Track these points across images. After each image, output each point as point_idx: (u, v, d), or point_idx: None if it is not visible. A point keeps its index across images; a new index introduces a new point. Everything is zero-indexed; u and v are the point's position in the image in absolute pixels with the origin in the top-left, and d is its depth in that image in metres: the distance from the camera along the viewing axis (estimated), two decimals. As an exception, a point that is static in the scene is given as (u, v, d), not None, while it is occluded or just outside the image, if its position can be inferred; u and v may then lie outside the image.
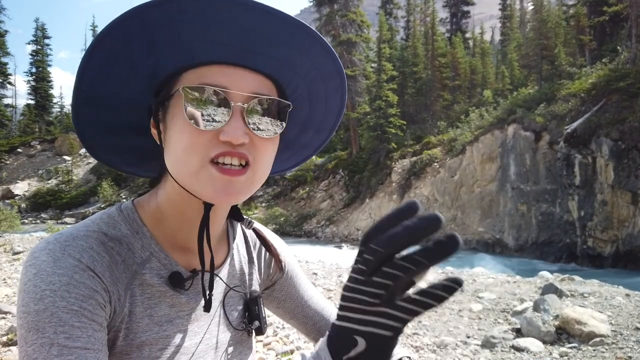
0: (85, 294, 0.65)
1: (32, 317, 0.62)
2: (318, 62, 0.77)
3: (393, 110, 24.98)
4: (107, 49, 0.69)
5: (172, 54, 0.71)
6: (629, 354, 4.33)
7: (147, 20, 0.67)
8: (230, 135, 0.67)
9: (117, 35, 0.68)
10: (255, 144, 0.71)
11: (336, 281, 8.37)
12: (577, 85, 17.49)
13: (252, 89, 0.71)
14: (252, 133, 0.70)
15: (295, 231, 24.46)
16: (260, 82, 0.73)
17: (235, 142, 0.68)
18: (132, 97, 0.77)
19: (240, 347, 0.90)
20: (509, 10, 43.55)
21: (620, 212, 14.14)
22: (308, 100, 0.83)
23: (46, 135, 45.44)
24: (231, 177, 0.69)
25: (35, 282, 0.63)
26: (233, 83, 0.70)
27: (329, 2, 29.53)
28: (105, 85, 0.74)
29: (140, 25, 0.67)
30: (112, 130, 0.82)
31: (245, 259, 0.96)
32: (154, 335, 0.74)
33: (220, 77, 0.70)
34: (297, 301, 1.06)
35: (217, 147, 0.68)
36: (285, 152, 0.91)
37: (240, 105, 0.69)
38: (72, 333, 0.61)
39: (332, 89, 0.82)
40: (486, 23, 53.49)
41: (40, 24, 51.43)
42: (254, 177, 0.73)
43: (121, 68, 0.72)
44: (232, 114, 0.68)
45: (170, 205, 0.78)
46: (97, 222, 0.75)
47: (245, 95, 0.70)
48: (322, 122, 0.87)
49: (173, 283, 0.77)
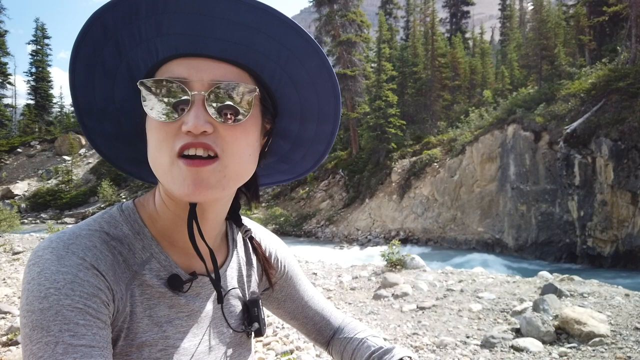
0: (90, 292, 0.65)
1: (37, 315, 0.62)
2: (285, 40, 0.72)
3: (393, 111, 24.98)
4: (85, 58, 0.71)
5: (138, 53, 0.72)
6: (629, 354, 4.33)
7: (107, 25, 0.68)
8: (190, 124, 0.66)
9: (87, 43, 0.69)
10: (221, 133, 0.69)
11: (336, 281, 8.37)
12: (577, 86, 17.49)
13: (214, 76, 0.69)
14: (215, 122, 0.68)
15: (295, 231, 24.45)
16: (227, 70, 0.70)
17: (195, 131, 0.66)
18: (124, 105, 0.78)
19: (239, 348, 0.90)
20: (508, 10, 43.57)
21: (620, 212, 14.14)
22: (293, 86, 0.79)
23: (46, 135, 45.41)
24: (198, 167, 0.67)
25: (40, 280, 0.64)
26: (193, 73, 0.68)
27: (328, 2, 29.50)
28: (95, 96, 0.76)
29: (103, 30, 0.69)
30: (119, 139, 0.83)
31: (244, 261, 0.96)
32: (154, 335, 0.74)
33: (182, 69, 0.69)
34: (297, 302, 1.06)
35: (181, 139, 0.67)
36: (299, 151, 0.90)
37: (201, 93, 0.67)
38: (77, 331, 0.61)
39: (314, 70, 0.76)
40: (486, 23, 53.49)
41: (40, 24, 51.39)
42: (226, 169, 0.70)
43: (102, 76, 0.74)
44: (193, 103, 0.67)
45: (163, 204, 0.79)
46: (99, 222, 0.75)
47: (205, 83, 0.68)
48: (319, 109, 0.83)
49: (172, 286, 0.77)
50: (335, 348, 1.06)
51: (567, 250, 15.51)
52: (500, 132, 18.42)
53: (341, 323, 1.09)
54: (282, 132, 0.86)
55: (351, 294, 7.41)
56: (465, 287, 7.28)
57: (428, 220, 20.42)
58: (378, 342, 1.00)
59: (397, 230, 21.07)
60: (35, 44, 50.52)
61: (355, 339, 1.03)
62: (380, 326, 5.77)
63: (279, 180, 0.97)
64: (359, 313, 6.36)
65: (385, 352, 0.95)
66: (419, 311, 6.32)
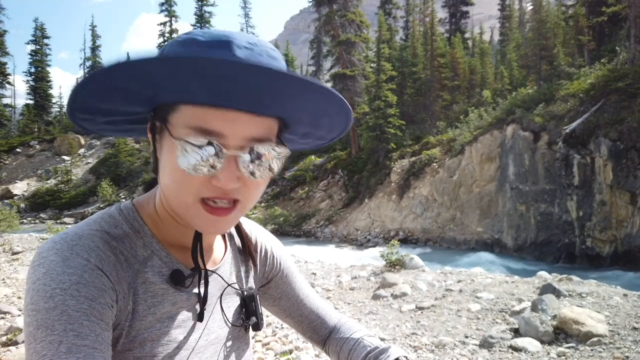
0: (95, 293, 0.67)
1: (42, 314, 0.63)
2: (326, 106, 0.73)
3: (392, 111, 24.98)
4: (105, 86, 0.65)
5: (173, 91, 0.67)
6: (627, 354, 4.34)
7: (148, 71, 0.62)
8: (223, 182, 0.68)
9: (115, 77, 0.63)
10: (247, 185, 0.71)
11: (335, 281, 8.38)
12: (576, 86, 17.49)
13: (249, 134, 0.68)
14: (245, 179, 0.70)
15: (294, 231, 24.45)
16: (261, 124, 0.70)
17: (227, 188, 0.68)
18: (131, 110, 0.75)
19: (238, 342, 0.93)
20: (508, 10, 43.54)
21: (619, 212, 14.15)
22: (312, 126, 0.81)
23: (45, 135, 45.33)
24: (219, 217, 0.71)
25: (45, 280, 0.65)
26: (229, 128, 0.67)
27: (328, 2, 29.48)
28: (100, 104, 0.71)
29: (141, 74, 0.63)
30: (108, 122, 0.78)
31: (241, 257, 0.98)
32: (156, 331, 0.76)
33: (216, 122, 0.66)
34: (292, 299, 1.08)
35: (209, 190, 0.69)
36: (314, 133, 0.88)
37: (236, 153, 0.68)
38: (80, 331, 0.63)
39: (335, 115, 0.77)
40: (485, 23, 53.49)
41: (40, 24, 51.35)
42: (243, 209, 0.74)
43: (119, 96, 0.69)
44: (227, 161, 0.67)
45: (165, 212, 0.80)
46: (99, 222, 0.76)
47: (239, 139, 0.68)
48: (326, 134, 0.85)
49: (174, 281, 0.79)
50: (331, 348, 1.08)
51: (566, 250, 15.51)
52: (500, 132, 18.43)
53: (337, 322, 1.11)
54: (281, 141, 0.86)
55: (350, 294, 7.42)
56: (464, 287, 7.29)
57: (427, 220, 20.42)
58: (374, 342, 1.01)
59: (397, 230, 21.07)
60: (34, 44, 50.51)
61: (352, 339, 1.04)
62: (379, 326, 5.78)
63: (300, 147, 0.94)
64: (358, 313, 6.37)
65: (381, 351, 0.96)
66: (418, 311, 6.33)
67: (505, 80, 28.00)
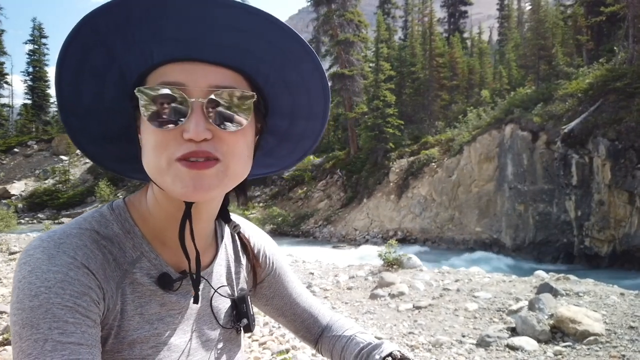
0: (80, 290, 0.66)
1: (27, 313, 0.62)
2: (280, 44, 0.72)
3: (391, 110, 24.99)
4: (73, 61, 0.70)
5: (132, 57, 0.70)
6: (623, 353, 4.34)
7: (99, 29, 0.67)
8: (191, 132, 0.66)
9: (76, 46, 0.68)
10: (221, 138, 0.69)
11: (332, 281, 8.38)
12: (575, 86, 17.51)
13: (212, 82, 0.69)
14: (215, 128, 0.68)
15: (292, 231, 24.44)
16: (223, 75, 0.70)
17: (196, 138, 0.66)
18: (112, 105, 0.77)
19: (229, 344, 0.91)
20: (506, 10, 43.66)
21: (617, 212, 14.17)
22: (286, 88, 0.80)
23: (43, 135, 45.30)
24: (199, 170, 0.67)
25: (30, 279, 0.64)
26: (190, 78, 0.68)
27: (326, 2, 29.47)
28: (82, 97, 0.75)
29: (93, 34, 0.67)
30: (104, 138, 0.82)
31: (232, 258, 0.97)
32: (145, 333, 0.75)
33: (178, 74, 0.68)
34: (285, 299, 1.07)
35: (182, 146, 0.67)
36: (285, 146, 0.91)
37: (199, 100, 0.67)
38: (66, 329, 0.62)
39: (307, 72, 0.77)
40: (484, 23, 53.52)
41: (38, 24, 51.27)
42: (227, 170, 0.70)
43: (90, 77, 0.72)
44: (192, 110, 0.67)
45: (156, 203, 0.79)
46: (89, 221, 0.76)
47: (203, 89, 0.68)
48: (310, 109, 0.84)
49: (162, 284, 0.78)
50: (324, 346, 1.07)
51: (564, 250, 15.53)
52: (498, 132, 18.45)
53: (329, 320, 1.10)
54: (271, 128, 0.86)
55: (348, 294, 7.42)
56: (461, 286, 7.29)
57: (426, 220, 20.43)
58: (367, 339, 1.00)
59: (395, 230, 21.08)
60: (32, 44, 50.46)
61: (344, 337, 1.03)
62: (376, 325, 5.78)
63: (261, 173, 0.97)
64: (356, 312, 6.37)
65: (373, 347, 0.95)
66: (415, 310, 6.33)
67: (503, 80, 28.05)
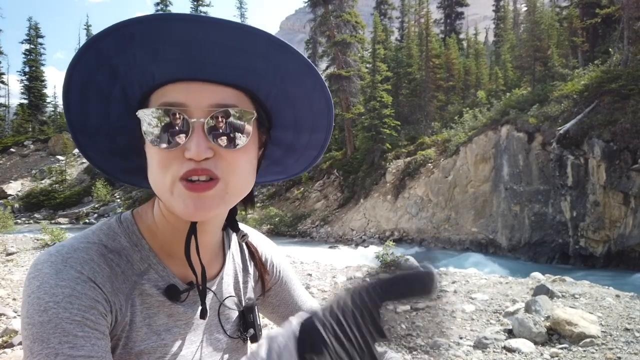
0: (88, 304, 0.68)
1: (37, 328, 0.64)
2: (280, 61, 0.74)
3: (387, 111, 25.03)
4: (78, 84, 0.73)
5: (134, 78, 0.73)
6: (618, 355, 4.39)
7: (101, 52, 0.69)
8: (193, 152, 0.68)
9: (80, 69, 0.71)
10: (223, 156, 0.71)
11: (330, 282, 8.39)
12: (570, 87, 17.59)
13: (213, 101, 0.71)
14: (216, 146, 0.70)
15: (289, 231, 24.44)
16: (224, 93, 0.72)
17: (197, 158, 0.68)
18: (118, 123, 0.80)
19: (236, 354, 0.92)
20: (502, 11, 43.72)
21: (612, 212, 14.26)
22: (288, 102, 0.81)
23: (39, 135, 45.13)
24: (199, 192, 0.69)
25: (39, 294, 0.66)
26: (192, 98, 0.70)
27: (323, 3, 29.50)
28: (89, 117, 0.78)
29: (97, 56, 0.70)
30: (113, 153, 0.85)
31: (240, 267, 0.98)
32: (152, 344, 0.76)
33: (179, 94, 0.70)
34: (291, 307, 1.09)
35: (184, 165, 0.69)
36: (292, 156, 0.92)
37: (200, 120, 0.69)
38: (75, 342, 0.64)
39: (308, 87, 0.79)
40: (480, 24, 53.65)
41: (34, 23, 51.11)
42: (227, 188, 0.72)
43: (96, 97, 0.75)
44: (193, 130, 0.68)
45: (163, 218, 0.81)
46: (97, 234, 0.77)
47: (204, 109, 0.70)
48: (313, 121, 0.85)
49: (169, 295, 0.80)
50: None
51: (560, 251, 15.61)
52: (494, 133, 18.50)
53: None
54: (276, 140, 0.88)
55: (345, 295, 7.43)
56: (458, 288, 7.33)
57: (422, 220, 20.48)
58: None
59: (392, 230, 21.12)
60: (28, 43, 50.23)
61: None
62: (374, 327, 5.79)
63: (271, 179, 1.00)
64: (353, 314, 6.38)
65: None
66: (413, 312, 6.35)
67: (499, 81, 28.08)
